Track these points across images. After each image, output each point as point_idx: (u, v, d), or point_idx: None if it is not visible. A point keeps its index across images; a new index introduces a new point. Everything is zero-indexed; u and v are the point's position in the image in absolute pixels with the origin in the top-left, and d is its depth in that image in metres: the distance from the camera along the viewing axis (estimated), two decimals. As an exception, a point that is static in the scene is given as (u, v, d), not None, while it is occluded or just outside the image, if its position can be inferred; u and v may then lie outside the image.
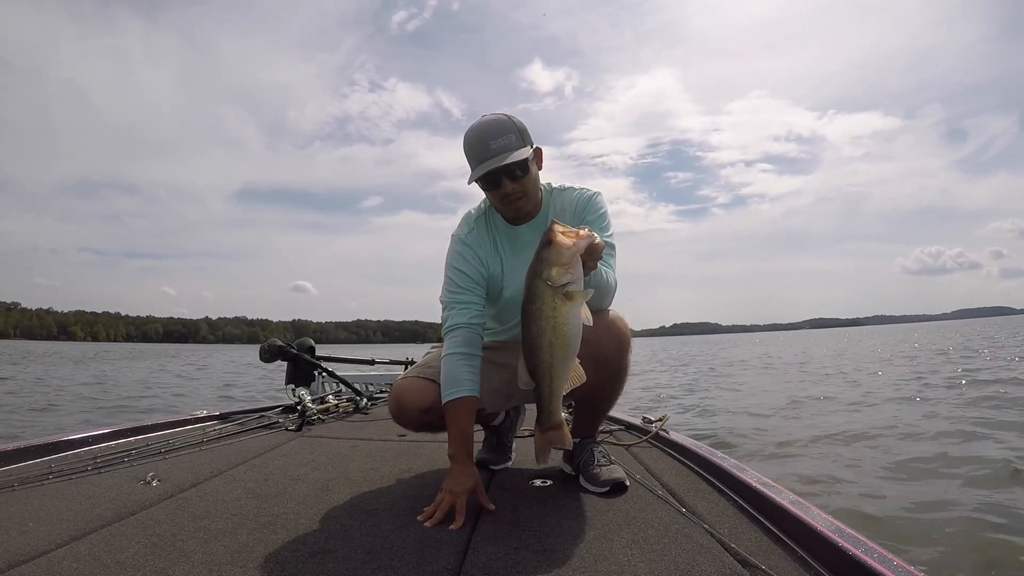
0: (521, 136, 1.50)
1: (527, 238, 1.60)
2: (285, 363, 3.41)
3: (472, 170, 1.51)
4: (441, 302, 1.63)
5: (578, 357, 1.54)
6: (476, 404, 1.51)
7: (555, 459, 1.96)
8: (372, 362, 4.35)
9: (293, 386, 3.27)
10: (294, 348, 3.41)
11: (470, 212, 1.71)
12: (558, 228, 1.22)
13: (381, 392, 3.92)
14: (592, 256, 1.27)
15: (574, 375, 1.29)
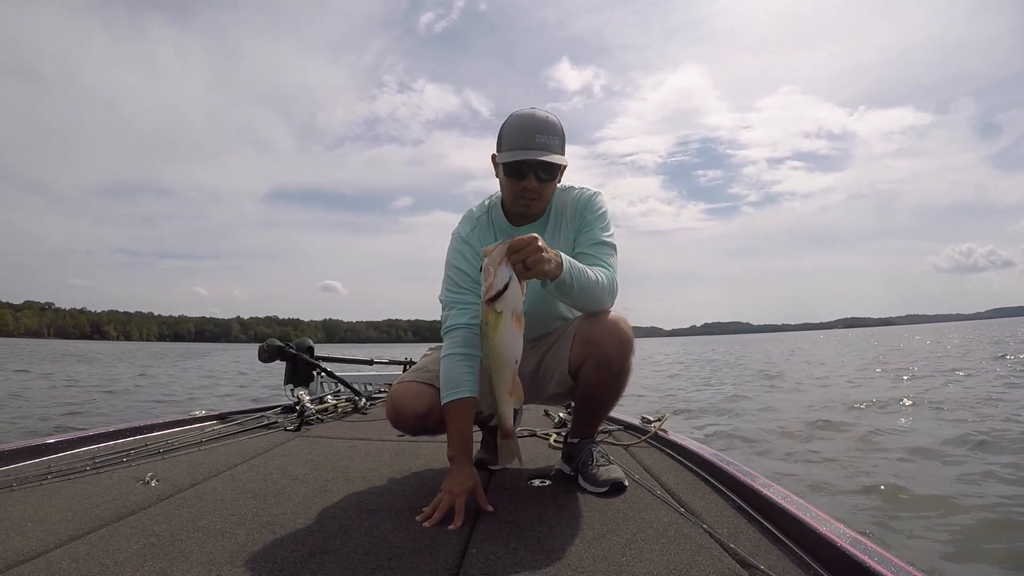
0: (563, 145, 1.52)
1: None
2: (284, 363, 3.41)
3: (504, 150, 1.51)
4: (441, 301, 1.63)
5: (582, 358, 1.55)
6: (476, 405, 1.51)
7: (553, 458, 1.96)
8: (371, 362, 4.35)
9: (292, 386, 3.27)
10: (292, 348, 3.40)
11: (472, 210, 1.70)
12: (484, 250, 1.29)
13: (380, 392, 3.92)
14: (520, 255, 1.25)
15: (515, 392, 1.34)
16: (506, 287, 1.25)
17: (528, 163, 1.48)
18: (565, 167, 1.58)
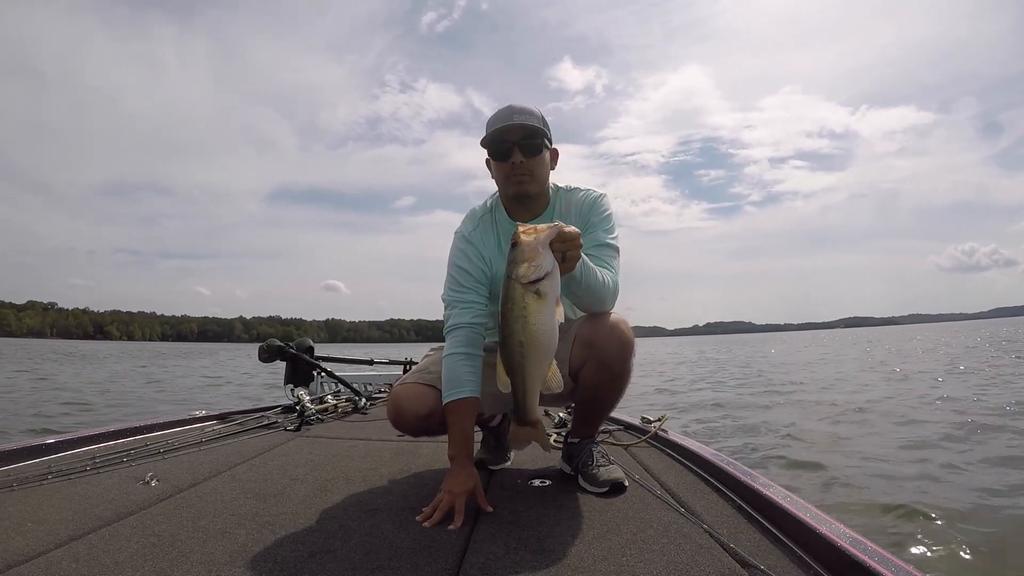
0: (544, 124, 1.55)
1: None
2: (284, 363, 3.41)
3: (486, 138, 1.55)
4: (443, 300, 1.63)
5: (582, 360, 1.55)
6: (477, 405, 1.51)
7: (554, 459, 1.96)
8: (371, 362, 4.35)
9: (292, 386, 3.27)
10: (292, 348, 3.40)
11: (475, 209, 1.70)
12: (521, 228, 1.26)
13: (380, 392, 3.92)
14: (566, 244, 1.26)
15: (552, 380, 1.31)
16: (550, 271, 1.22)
17: (510, 137, 1.51)
18: (554, 150, 1.60)
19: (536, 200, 1.62)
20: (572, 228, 1.28)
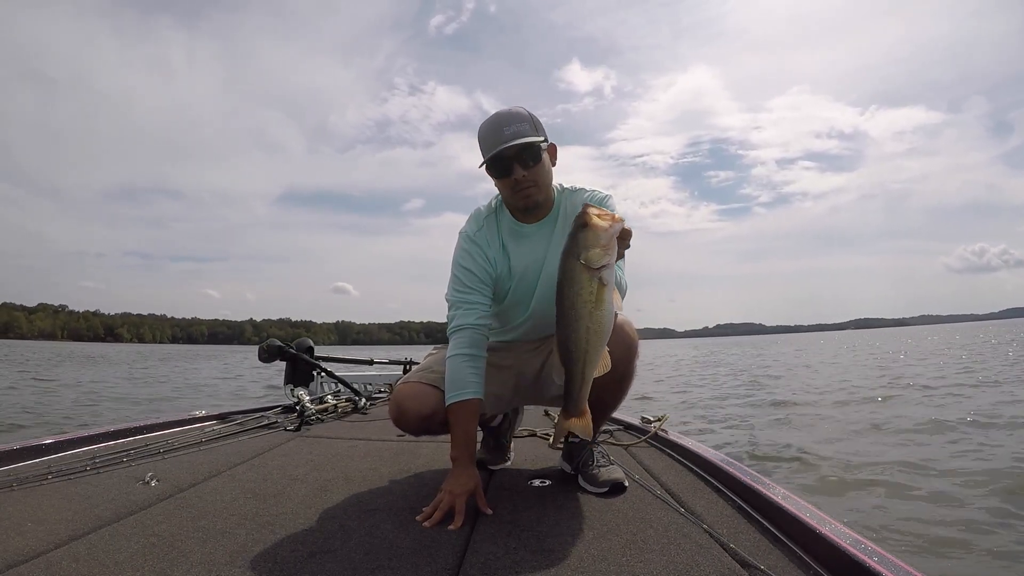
0: (535, 127, 1.51)
1: (536, 238, 1.60)
2: (284, 363, 3.40)
3: (483, 157, 1.51)
4: (447, 300, 1.62)
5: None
6: (480, 407, 1.51)
7: (554, 459, 1.96)
8: (371, 362, 4.34)
9: (292, 386, 3.27)
10: (292, 348, 3.40)
11: (479, 209, 1.69)
12: (593, 211, 1.20)
13: (380, 392, 3.92)
14: (624, 243, 1.26)
15: (602, 362, 1.28)
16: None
17: (506, 156, 1.47)
18: (551, 146, 1.57)
19: (542, 203, 1.62)
20: (629, 227, 1.25)
